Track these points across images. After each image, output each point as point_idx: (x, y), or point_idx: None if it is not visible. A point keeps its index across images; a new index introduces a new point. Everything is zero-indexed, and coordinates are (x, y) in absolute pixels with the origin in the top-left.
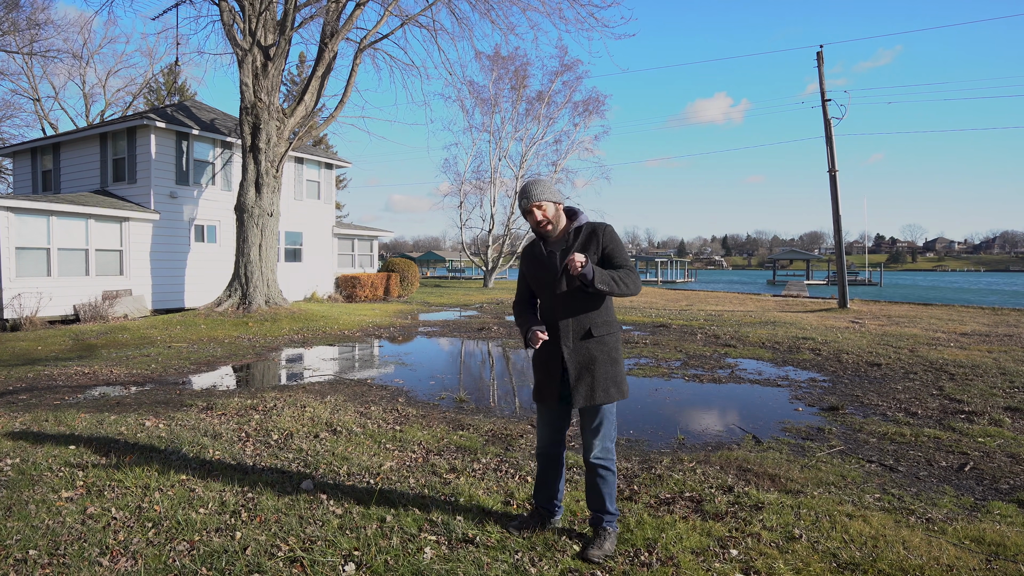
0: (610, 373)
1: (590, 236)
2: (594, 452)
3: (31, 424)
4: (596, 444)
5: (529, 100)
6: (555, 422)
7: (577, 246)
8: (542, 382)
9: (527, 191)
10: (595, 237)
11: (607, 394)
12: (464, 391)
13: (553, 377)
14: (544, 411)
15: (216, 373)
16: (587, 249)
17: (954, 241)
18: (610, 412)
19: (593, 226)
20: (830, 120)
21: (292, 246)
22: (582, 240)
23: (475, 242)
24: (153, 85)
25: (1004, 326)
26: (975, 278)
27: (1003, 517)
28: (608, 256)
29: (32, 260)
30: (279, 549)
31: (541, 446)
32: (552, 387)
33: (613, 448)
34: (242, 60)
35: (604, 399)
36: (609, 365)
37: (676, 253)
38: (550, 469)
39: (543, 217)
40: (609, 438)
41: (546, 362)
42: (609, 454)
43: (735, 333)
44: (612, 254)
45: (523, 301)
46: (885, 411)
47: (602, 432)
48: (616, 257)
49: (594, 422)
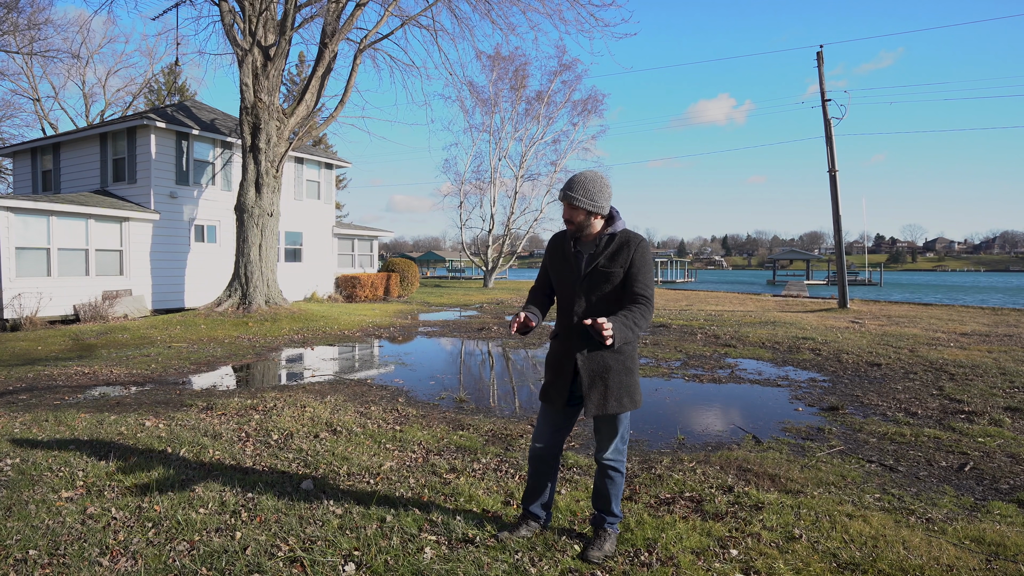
0: (624, 383)
1: (621, 248)
2: (607, 453)
3: (31, 424)
4: (609, 445)
5: (529, 100)
6: (558, 423)
7: (605, 255)
8: (552, 383)
9: (570, 185)
10: (626, 250)
11: (620, 404)
12: (464, 391)
13: (564, 379)
14: (548, 411)
15: (216, 373)
16: (614, 261)
17: (954, 241)
18: (624, 418)
19: (628, 237)
20: (830, 120)
21: (292, 246)
22: (612, 251)
23: (475, 242)
24: (153, 85)
25: (1004, 326)
26: (975, 278)
27: (1003, 517)
28: (631, 277)
29: (32, 260)
30: (279, 549)
31: (538, 447)
32: (562, 389)
33: (625, 450)
34: (242, 60)
35: (616, 409)
36: (624, 375)
37: (676, 253)
38: (544, 473)
39: (570, 218)
40: (623, 440)
41: (558, 364)
42: (621, 455)
43: (735, 333)
44: (635, 276)
45: (539, 290)
46: (885, 411)
47: (618, 435)
48: (638, 282)
49: (609, 427)
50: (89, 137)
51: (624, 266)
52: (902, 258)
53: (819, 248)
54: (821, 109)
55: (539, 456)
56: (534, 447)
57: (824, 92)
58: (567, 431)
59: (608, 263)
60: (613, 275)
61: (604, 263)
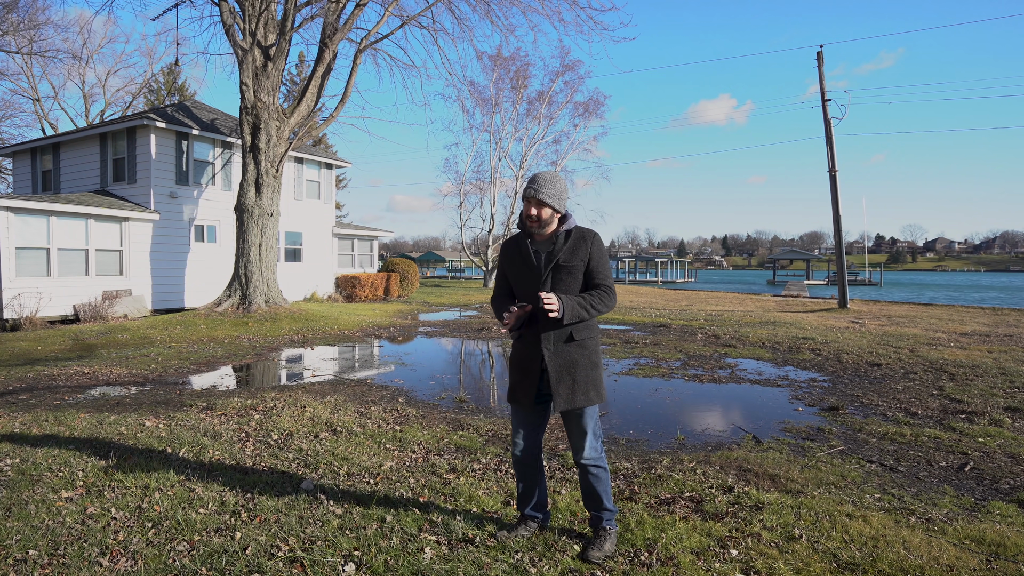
0: (591, 377)
1: (578, 243)
2: (584, 453)
3: (31, 424)
4: (584, 445)
5: (530, 100)
6: (532, 422)
7: (565, 250)
8: (518, 383)
9: (536, 182)
10: (583, 245)
11: (587, 397)
12: (464, 391)
13: (531, 378)
14: (519, 412)
15: (216, 373)
16: (574, 255)
17: (954, 241)
18: (593, 411)
19: (583, 232)
20: (830, 120)
21: (292, 246)
22: (570, 246)
23: (475, 242)
24: (153, 85)
25: (1004, 326)
26: (975, 278)
27: (1003, 517)
28: (591, 271)
29: (32, 260)
30: (279, 549)
31: (518, 453)
32: (529, 388)
33: (601, 446)
34: (242, 60)
35: (585, 402)
36: (590, 369)
37: (676, 253)
38: (531, 475)
39: (536, 215)
40: (595, 436)
41: (524, 363)
42: (598, 452)
43: (735, 333)
44: (595, 269)
45: (500, 297)
46: (885, 411)
47: (589, 432)
48: (598, 274)
49: (579, 424)
50: (89, 137)
51: (584, 260)
52: (902, 258)
53: (819, 248)
54: (821, 109)
55: (520, 460)
56: (514, 454)
57: (824, 92)
58: (542, 429)
59: (569, 257)
60: (575, 268)
61: (565, 258)
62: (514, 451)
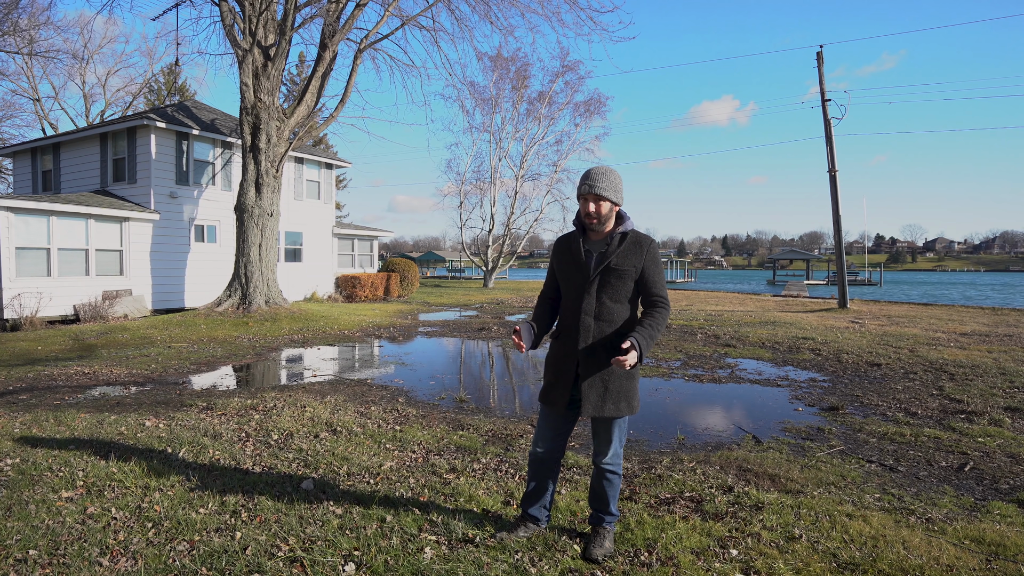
0: (624, 387)
1: (633, 247)
2: (605, 458)
3: (31, 424)
4: (608, 451)
5: (530, 100)
6: (560, 426)
7: (618, 253)
8: (552, 384)
9: (591, 177)
10: (638, 251)
11: (617, 408)
12: (464, 391)
13: (565, 380)
14: (549, 414)
15: (216, 373)
16: (627, 260)
17: (954, 241)
18: (623, 422)
19: (639, 237)
20: (830, 120)
21: (292, 246)
22: (624, 249)
23: (475, 242)
24: (153, 85)
25: (1004, 326)
26: (975, 277)
27: (1003, 517)
28: (647, 280)
29: (32, 260)
30: (279, 549)
31: (539, 450)
32: (563, 391)
33: (622, 453)
34: (242, 60)
35: (613, 412)
36: (625, 379)
37: (676, 253)
38: (545, 476)
39: (595, 211)
40: (620, 444)
41: (560, 363)
42: (618, 459)
43: (735, 333)
44: (651, 279)
45: (546, 297)
46: (885, 411)
47: (615, 440)
48: (655, 284)
49: (606, 431)
50: (89, 137)
51: (637, 266)
52: (902, 258)
53: (819, 248)
54: (821, 109)
55: (540, 460)
56: (535, 451)
57: (824, 92)
58: (568, 434)
59: (621, 261)
60: (626, 273)
61: (617, 261)
62: (535, 448)
